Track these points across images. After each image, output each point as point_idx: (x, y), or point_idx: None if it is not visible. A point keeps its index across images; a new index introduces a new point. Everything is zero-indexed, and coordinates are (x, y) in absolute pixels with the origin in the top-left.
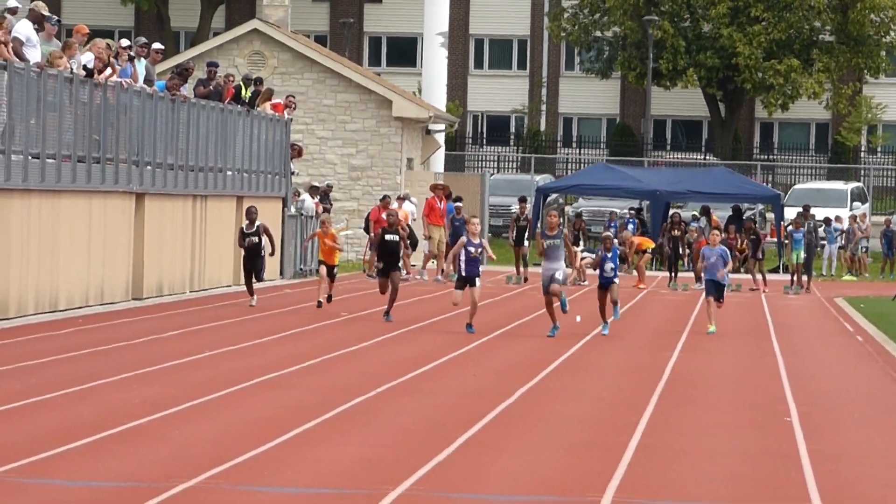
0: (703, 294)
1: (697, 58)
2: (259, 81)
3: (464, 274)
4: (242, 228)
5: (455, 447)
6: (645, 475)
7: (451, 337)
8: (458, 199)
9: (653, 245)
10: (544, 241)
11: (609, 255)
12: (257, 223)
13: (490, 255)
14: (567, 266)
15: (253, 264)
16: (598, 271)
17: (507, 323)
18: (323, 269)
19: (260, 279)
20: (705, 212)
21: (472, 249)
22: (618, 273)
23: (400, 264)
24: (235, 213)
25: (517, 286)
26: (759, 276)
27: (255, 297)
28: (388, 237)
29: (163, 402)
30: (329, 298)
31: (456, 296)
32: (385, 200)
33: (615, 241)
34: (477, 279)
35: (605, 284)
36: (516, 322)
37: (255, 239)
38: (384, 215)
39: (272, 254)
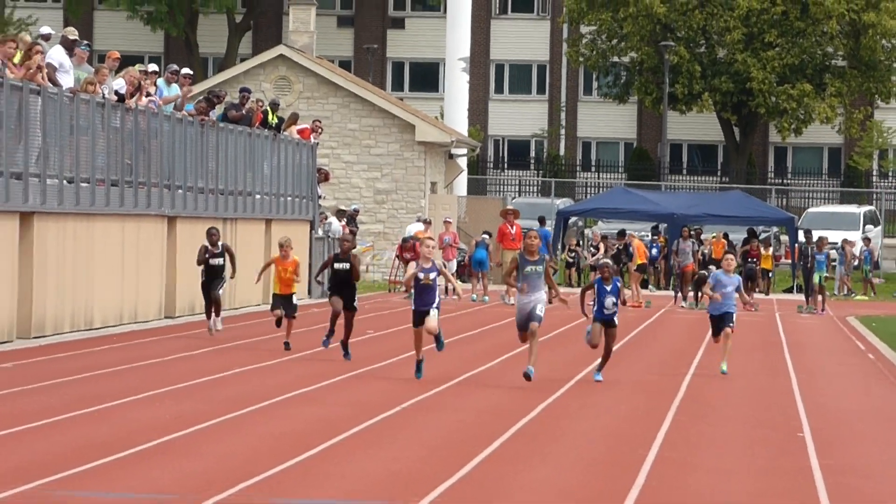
0: (711, 334)
1: (712, 83)
2: (278, 106)
3: (414, 307)
4: (206, 247)
5: (477, 462)
6: (662, 489)
7: (474, 355)
8: (487, 233)
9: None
10: (523, 268)
11: (609, 287)
12: (220, 243)
13: (450, 281)
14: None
15: (212, 286)
16: (585, 300)
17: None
18: (279, 312)
19: (217, 301)
20: (621, 234)
21: (421, 276)
22: (617, 309)
23: (355, 302)
24: (264, 236)
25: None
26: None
27: (214, 321)
28: (336, 265)
29: (194, 417)
30: (287, 345)
31: (416, 333)
32: (408, 243)
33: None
34: (432, 309)
35: (606, 322)
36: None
37: (221, 260)
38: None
39: (232, 276)
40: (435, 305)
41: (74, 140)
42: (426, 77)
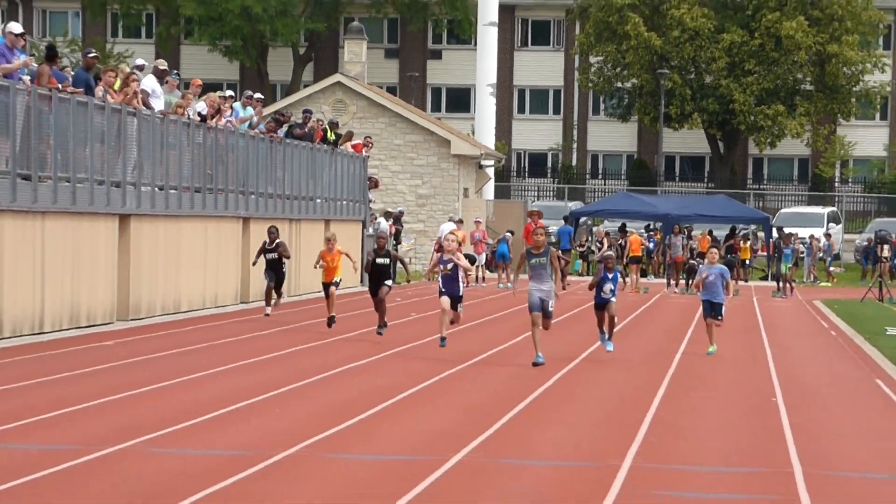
0: (701, 313)
1: (701, 104)
2: (336, 125)
3: (443, 289)
4: (265, 242)
5: (504, 421)
6: (658, 445)
7: (499, 335)
8: (510, 231)
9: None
10: (529, 260)
11: (610, 275)
12: (276, 241)
13: (465, 269)
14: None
15: (273, 277)
16: (593, 291)
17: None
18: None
19: (279, 292)
20: (622, 228)
21: (440, 266)
22: (615, 294)
23: (388, 282)
24: (323, 233)
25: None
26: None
27: (269, 307)
28: (378, 261)
29: (266, 386)
30: (331, 319)
31: (447, 314)
32: (449, 242)
33: (616, 261)
34: (459, 304)
35: (601, 304)
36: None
37: (275, 255)
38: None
39: (280, 268)
40: (458, 294)
41: (164, 154)
42: (459, 100)
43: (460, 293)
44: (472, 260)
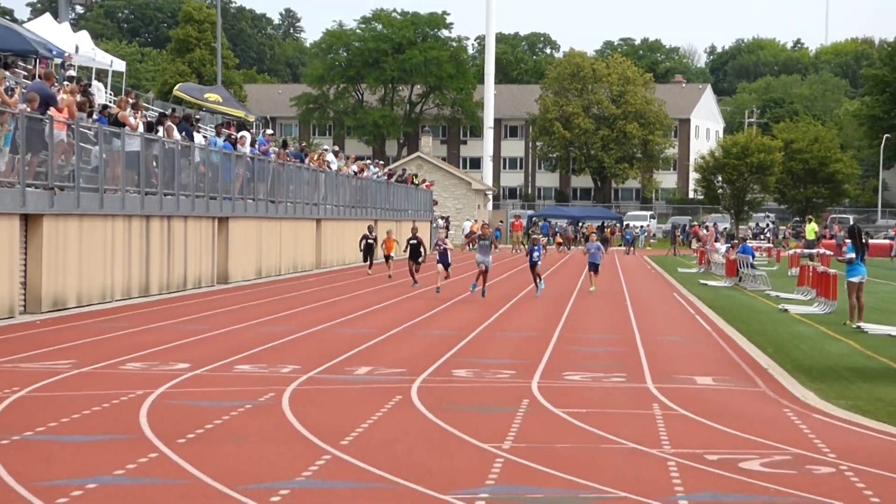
0: (587, 269)
1: (589, 164)
2: (415, 175)
3: (439, 260)
4: (366, 234)
5: (490, 321)
6: (569, 325)
7: (492, 299)
8: (501, 223)
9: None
10: (479, 242)
11: (535, 247)
12: (373, 233)
13: (451, 249)
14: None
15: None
16: (527, 257)
17: (513, 292)
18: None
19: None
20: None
21: (439, 246)
22: (540, 258)
23: (420, 259)
24: (410, 228)
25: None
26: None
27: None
28: (412, 241)
29: (373, 333)
30: (390, 276)
31: (440, 270)
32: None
33: (542, 240)
34: (448, 265)
35: (532, 264)
36: (517, 292)
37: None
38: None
39: (370, 250)
40: (448, 263)
41: (337, 190)
42: (475, 163)
43: (448, 261)
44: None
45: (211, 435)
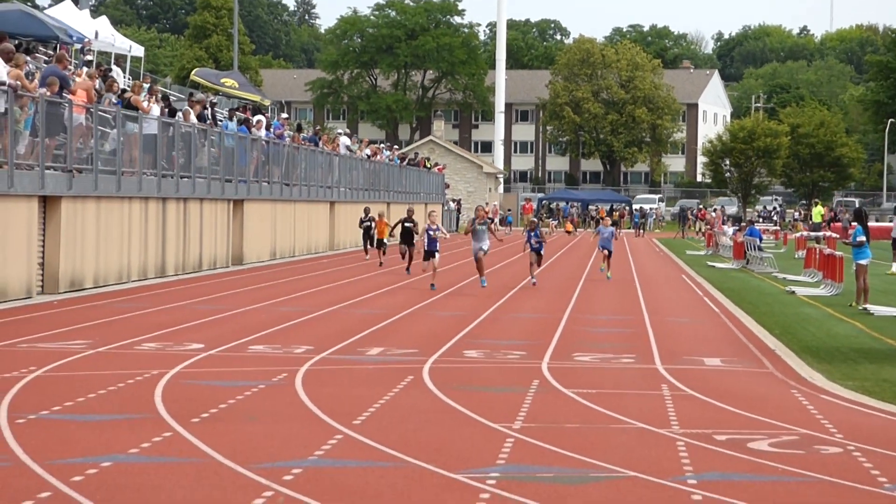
0: (598, 249)
1: (599, 147)
2: (428, 159)
3: (426, 248)
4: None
5: (502, 301)
6: (579, 307)
7: (492, 285)
8: (510, 209)
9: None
10: (472, 226)
11: (532, 232)
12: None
13: (444, 235)
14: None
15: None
16: (527, 244)
17: (515, 280)
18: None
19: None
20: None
21: (430, 232)
22: (542, 243)
23: (414, 239)
24: (424, 210)
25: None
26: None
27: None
28: (406, 224)
29: (385, 313)
30: (381, 263)
31: (424, 264)
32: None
33: (538, 223)
34: (436, 253)
35: (533, 250)
36: (520, 279)
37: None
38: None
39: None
40: (437, 250)
41: (350, 173)
42: (487, 147)
43: (437, 248)
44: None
45: (225, 414)
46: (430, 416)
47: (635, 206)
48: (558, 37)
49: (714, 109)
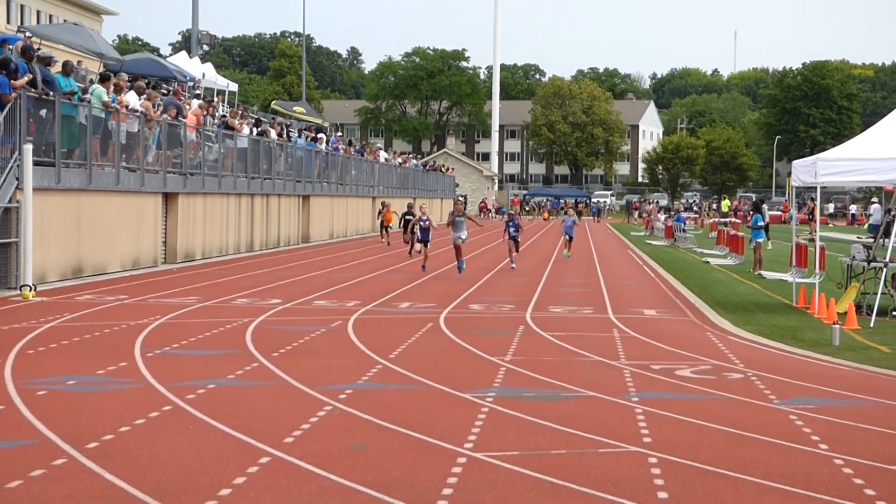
0: (563, 237)
1: (567, 157)
2: (443, 166)
3: (419, 238)
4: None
5: (487, 277)
6: (549, 291)
7: (483, 263)
8: (504, 206)
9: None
10: (452, 218)
11: (510, 223)
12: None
13: (433, 226)
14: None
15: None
16: (505, 233)
17: (495, 260)
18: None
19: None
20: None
21: (422, 223)
22: (518, 232)
23: (413, 231)
24: (440, 206)
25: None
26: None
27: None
28: (408, 217)
29: (411, 278)
30: (388, 243)
31: (418, 247)
32: (423, 209)
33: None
34: (428, 242)
35: (510, 238)
36: (500, 260)
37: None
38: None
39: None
40: (429, 240)
41: (386, 176)
42: (486, 156)
43: (429, 238)
44: (499, 210)
45: (296, 350)
46: (444, 351)
47: (593, 200)
48: (537, 76)
49: (651, 129)
